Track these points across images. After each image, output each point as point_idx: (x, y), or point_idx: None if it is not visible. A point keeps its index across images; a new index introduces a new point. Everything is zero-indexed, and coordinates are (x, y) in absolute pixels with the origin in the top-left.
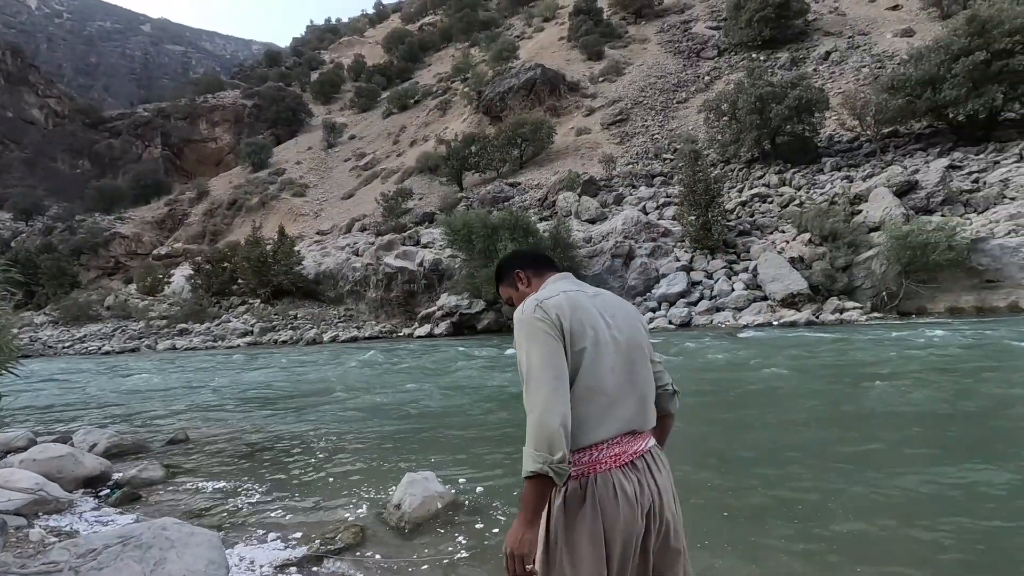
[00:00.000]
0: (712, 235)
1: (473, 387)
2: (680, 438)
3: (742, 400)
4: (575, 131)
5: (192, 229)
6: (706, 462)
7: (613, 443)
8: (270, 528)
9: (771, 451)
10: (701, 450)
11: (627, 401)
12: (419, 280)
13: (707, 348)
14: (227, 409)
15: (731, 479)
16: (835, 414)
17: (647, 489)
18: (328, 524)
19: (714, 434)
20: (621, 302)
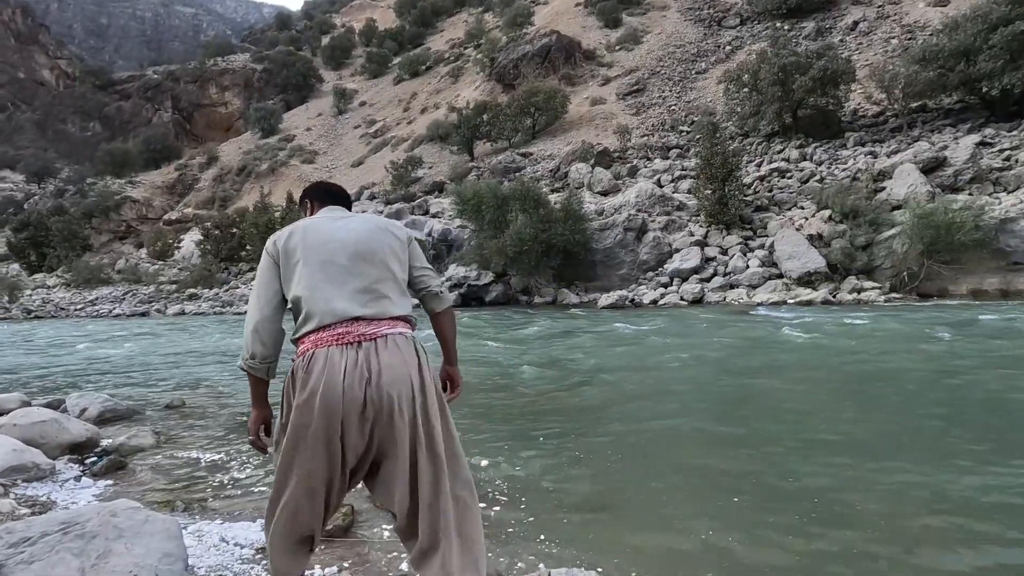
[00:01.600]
0: (728, 210)
1: (479, 361)
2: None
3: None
4: (590, 101)
5: (202, 194)
6: (729, 442)
7: (336, 327)
8: (257, 505)
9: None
10: (733, 433)
11: (343, 293)
12: (427, 250)
13: (740, 326)
14: (229, 376)
15: (746, 463)
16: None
17: (364, 364)
18: None
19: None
20: (371, 221)
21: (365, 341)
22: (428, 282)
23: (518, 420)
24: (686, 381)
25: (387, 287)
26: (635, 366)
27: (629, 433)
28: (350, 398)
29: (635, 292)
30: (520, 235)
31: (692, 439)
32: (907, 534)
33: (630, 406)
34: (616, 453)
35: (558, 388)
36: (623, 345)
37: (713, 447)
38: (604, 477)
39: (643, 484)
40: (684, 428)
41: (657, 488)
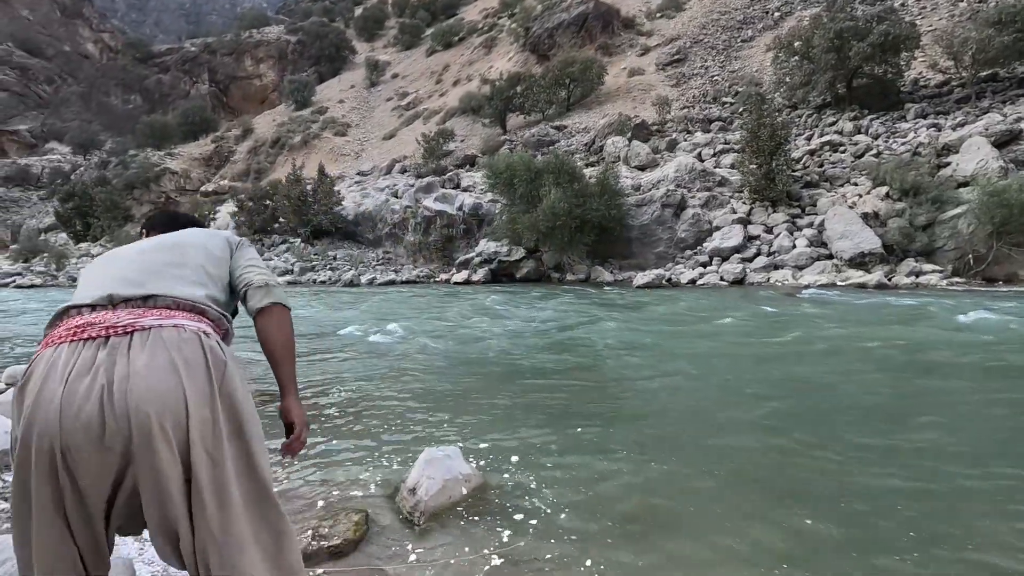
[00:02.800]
0: (775, 186)
1: (508, 340)
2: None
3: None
4: (627, 71)
5: (237, 167)
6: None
7: (79, 316)
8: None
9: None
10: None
11: (107, 275)
12: (458, 225)
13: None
14: (251, 350)
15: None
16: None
17: (104, 368)
18: (326, 507)
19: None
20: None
21: (116, 335)
22: (249, 275)
23: (550, 408)
24: (732, 369)
25: (177, 270)
26: (675, 350)
27: (666, 425)
28: (74, 418)
29: (672, 271)
30: (553, 210)
31: (741, 436)
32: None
33: (671, 394)
34: (658, 450)
35: (592, 372)
36: (662, 326)
37: (769, 448)
38: (646, 479)
39: (689, 488)
40: (730, 422)
41: (705, 494)
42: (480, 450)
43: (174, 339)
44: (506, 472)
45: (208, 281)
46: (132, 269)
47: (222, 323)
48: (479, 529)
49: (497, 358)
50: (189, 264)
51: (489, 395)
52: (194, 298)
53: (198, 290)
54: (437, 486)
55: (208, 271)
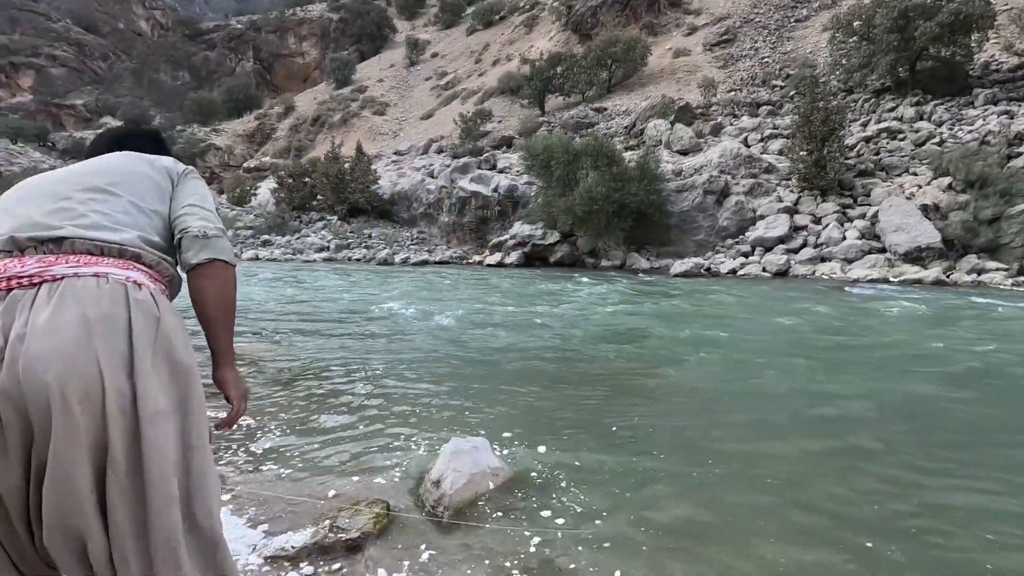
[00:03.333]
0: (826, 174)
1: (539, 326)
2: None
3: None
4: (672, 52)
5: (279, 144)
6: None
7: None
8: (273, 495)
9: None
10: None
11: (14, 210)
12: (493, 206)
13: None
14: (286, 324)
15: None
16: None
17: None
18: (346, 497)
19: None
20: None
21: (19, 287)
22: (186, 220)
23: (586, 402)
24: (788, 369)
25: (103, 204)
26: (717, 343)
27: (712, 427)
28: None
29: (712, 260)
30: (590, 193)
31: (798, 444)
32: None
33: (720, 394)
34: (702, 454)
35: (629, 365)
36: (708, 318)
37: (830, 458)
38: (688, 486)
39: (736, 498)
40: (786, 428)
41: (754, 506)
42: (509, 442)
43: (91, 291)
44: (535, 468)
45: (142, 218)
46: (47, 204)
47: (163, 270)
48: (505, 529)
49: (530, 345)
50: (122, 196)
51: (521, 384)
52: (123, 240)
53: (127, 231)
54: (463, 479)
55: (144, 205)
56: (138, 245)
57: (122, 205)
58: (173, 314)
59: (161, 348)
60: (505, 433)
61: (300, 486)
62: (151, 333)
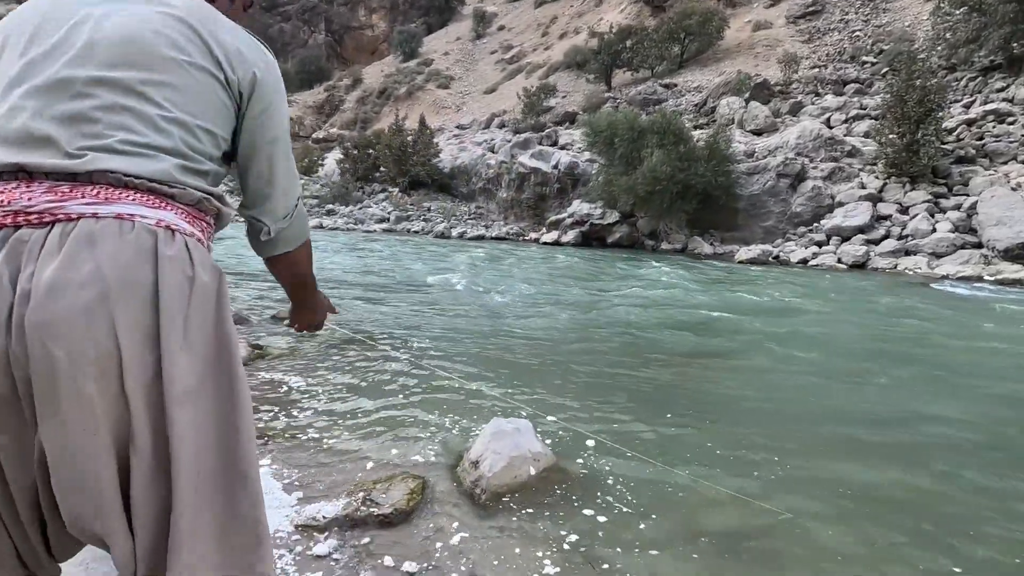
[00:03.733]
0: (919, 159)
1: (605, 311)
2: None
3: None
4: (752, 25)
5: (346, 115)
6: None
7: None
8: (311, 459)
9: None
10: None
11: (21, 106)
12: (552, 183)
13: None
14: (347, 291)
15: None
16: None
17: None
18: (383, 468)
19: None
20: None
21: (28, 224)
22: (263, 210)
23: (641, 391)
24: (862, 370)
25: (129, 115)
26: (794, 338)
27: (791, 431)
28: None
29: (781, 248)
30: (654, 172)
31: (888, 457)
32: None
33: (794, 393)
34: (770, 458)
35: (696, 355)
36: (777, 310)
37: (928, 478)
38: (750, 492)
39: (806, 511)
40: (875, 439)
41: (828, 522)
42: (554, 428)
43: (111, 238)
44: (581, 457)
45: (187, 139)
46: (57, 101)
47: (207, 208)
48: (543, 519)
49: (585, 327)
50: (161, 104)
51: (574, 368)
52: (155, 174)
53: (164, 159)
54: (502, 462)
55: (191, 121)
56: (176, 181)
57: (160, 117)
58: (212, 272)
59: (195, 317)
60: (551, 417)
61: (339, 455)
62: (183, 298)
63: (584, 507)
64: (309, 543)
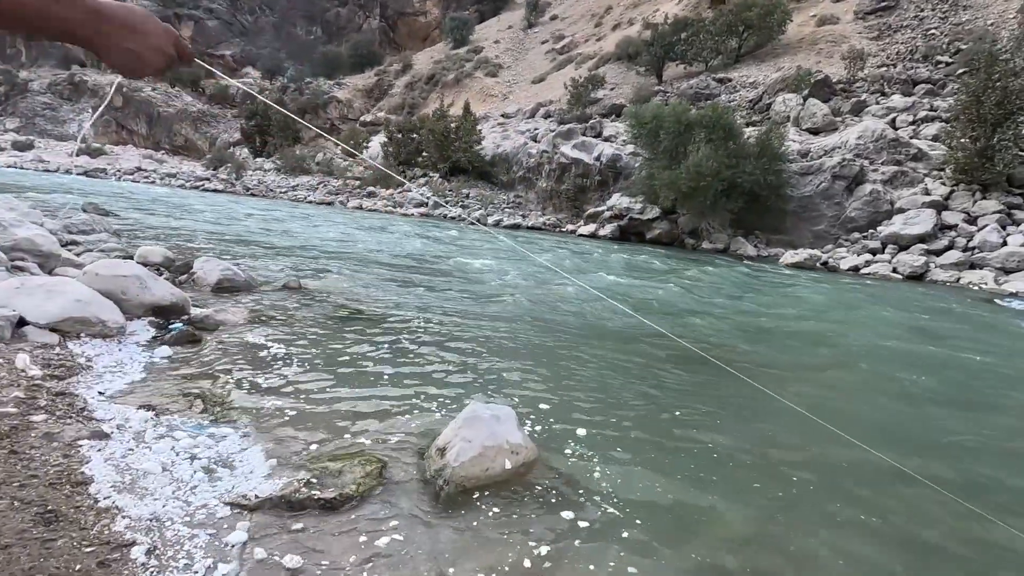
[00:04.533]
0: (993, 166)
1: (628, 306)
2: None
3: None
4: (816, 20)
5: (394, 100)
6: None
7: None
8: (267, 428)
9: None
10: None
11: None
12: (593, 175)
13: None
14: (366, 268)
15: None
16: None
17: None
18: (345, 446)
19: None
20: None
21: None
22: None
23: (649, 388)
24: (913, 390)
25: None
26: (836, 347)
27: (813, 446)
28: None
29: (831, 254)
30: (700, 168)
31: (915, 484)
32: None
33: (813, 404)
34: (784, 474)
35: (718, 355)
36: (821, 317)
37: (959, 511)
38: (755, 508)
39: (818, 534)
40: (907, 464)
41: (841, 549)
42: (545, 417)
43: None
44: (567, 451)
45: None
46: None
47: None
48: (512, 521)
49: (602, 320)
50: None
51: (578, 358)
52: None
53: None
54: (472, 451)
55: None
56: None
57: None
58: None
59: None
60: (543, 405)
61: (302, 427)
62: None
63: (563, 508)
64: (234, 521)
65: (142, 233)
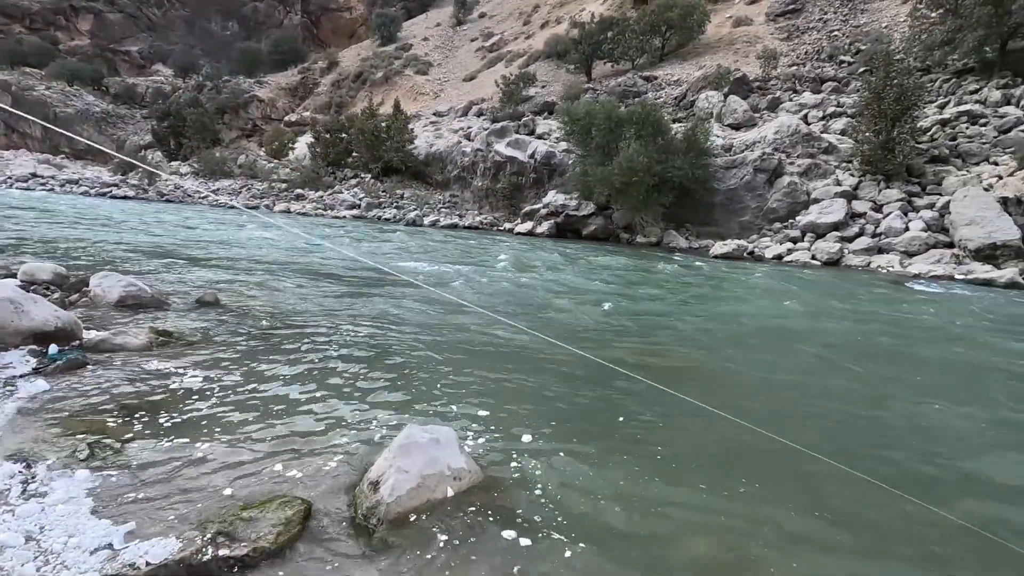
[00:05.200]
0: (894, 157)
1: (567, 307)
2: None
3: None
4: (733, 21)
5: (320, 99)
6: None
7: None
8: (168, 474)
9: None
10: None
11: None
12: (528, 173)
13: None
14: (291, 277)
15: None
16: None
17: None
18: (262, 488)
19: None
20: None
21: None
22: None
23: (597, 395)
24: (839, 371)
25: None
26: (767, 335)
27: (764, 442)
28: None
29: (756, 244)
30: (631, 164)
31: (860, 463)
32: None
33: (768, 396)
34: (737, 472)
35: (661, 357)
36: (749, 306)
37: (869, 488)
38: (716, 512)
39: (778, 531)
40: (849, 445)
41: (800, 543)
42: (488, 430)
43: None
44: (513, 468)
45: None
46: None
47: None
48: (451, 551)
49: (541, 324)
50: None
51: (523, 367)
52: None
53: None
54: (410, 483)
55: None
56: None
57: None
58: None
59: None
60: (482, 412)
61: (209, 468)
62: None
63: (506, 533)
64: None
65: (31, 247)
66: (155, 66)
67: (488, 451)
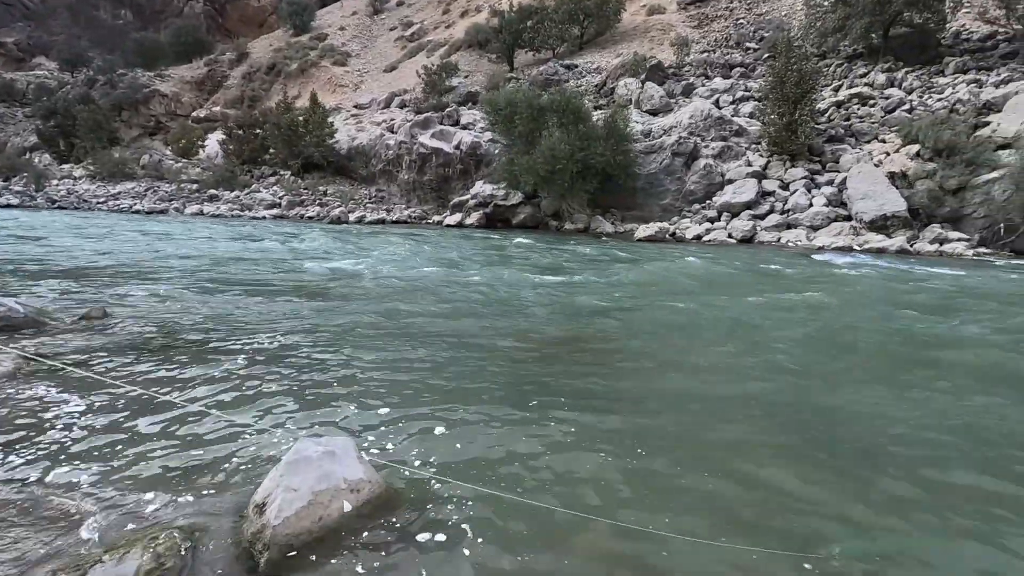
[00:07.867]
0: (797, 138)
1: (488, 298)
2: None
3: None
4: (647, 10)
5: (231, 93)
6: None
7: None
8: (28, 520)
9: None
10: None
11: None
12: (455, 164)
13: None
14: (191, 285)
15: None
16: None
17: None
18: (133, 523)
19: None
20: None
21: None
22: None
23: (515, 385)
24: (740, 339)
25: None
26: (678, 312)
27: (667, 409)
28: None
29: (677, 225)
30: (554, 152)
31: (762, 457)
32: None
33: (671, 370)
34: (649, 439)
35: (580, 342)
36: (670, 286)
37: (796, 455)
38: (643, 500)
39: (702, 514)
40: (737, 410)
41: (710, 526)
42: (387, 434)
43: None
44: (421, 474)
45: None
46: None
47: None
48: (354, 574)
49: (459, 317)
50: None
51: (435, 364)
52: None
53: None
54: (299, 502)
55: None
56: None
57: None
58: None
59: None
60: (394, 426)
61: (70, 510)
62: None
63: (408, 539)
64: None
65: None
66: (36, 59)
67: (392, 455)
